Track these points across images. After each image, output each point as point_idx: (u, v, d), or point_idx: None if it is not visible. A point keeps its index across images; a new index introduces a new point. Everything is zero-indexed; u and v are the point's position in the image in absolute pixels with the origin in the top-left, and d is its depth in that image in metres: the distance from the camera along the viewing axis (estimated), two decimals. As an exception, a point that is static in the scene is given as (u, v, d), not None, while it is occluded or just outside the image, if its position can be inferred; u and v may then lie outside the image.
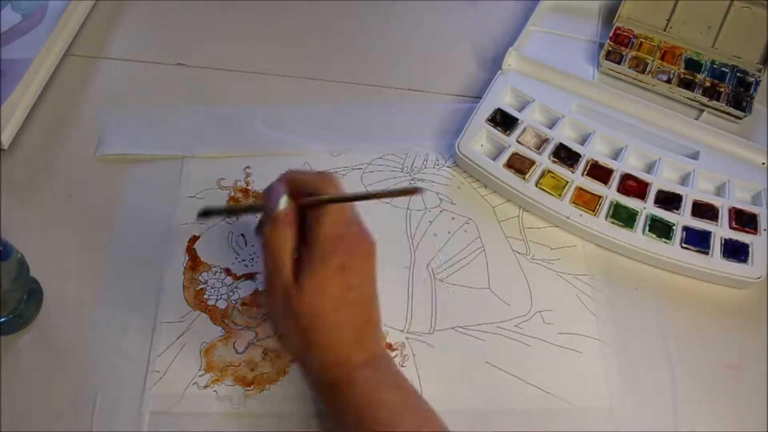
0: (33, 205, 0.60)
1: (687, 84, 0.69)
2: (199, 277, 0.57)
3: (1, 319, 0.52)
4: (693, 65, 0.70)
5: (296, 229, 0.46)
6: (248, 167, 0.63)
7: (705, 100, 0.68)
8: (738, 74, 0.69)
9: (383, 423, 0.43)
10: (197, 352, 0.53)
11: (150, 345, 0.53)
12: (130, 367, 0.52)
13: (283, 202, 0.46)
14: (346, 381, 0.45)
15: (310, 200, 0.46)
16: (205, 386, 0.51)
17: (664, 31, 0.72)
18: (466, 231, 0.60)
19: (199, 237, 0.59)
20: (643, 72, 0.70)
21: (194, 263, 0.57)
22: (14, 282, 0.51)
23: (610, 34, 0.72)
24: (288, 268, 0.45)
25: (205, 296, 0.56)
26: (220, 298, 0.56)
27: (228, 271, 0.57)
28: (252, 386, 0.52)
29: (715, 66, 0.70)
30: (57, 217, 0.60)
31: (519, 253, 0.59)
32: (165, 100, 0.68)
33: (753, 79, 0.69)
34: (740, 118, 0.67)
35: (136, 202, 0.61)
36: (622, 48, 0.71)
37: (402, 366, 0.53)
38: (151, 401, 0.51)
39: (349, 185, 0.61)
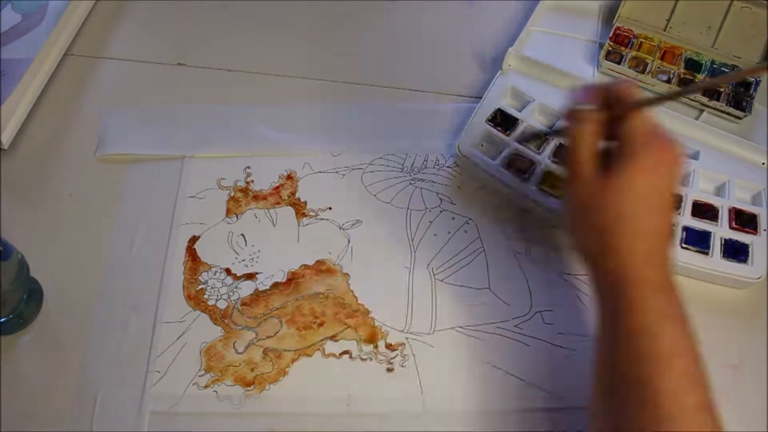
0: (33, 205, 0.60)
1: (687, 84, 0.69)
2: (199, 277, 0.57)
3: (1, 320, 0.52)
4: (693, 65, 0.70)
5: (600, 130, 0.46)
6: (248, 167, 0.63)
7: (705, 100, 0.67)
8: (738, 74, 0.69)
9: (658, 357, 0.41)
10: (197, 352, 0.53)
11: (150, 345, 0.53)
12: (130, 367, 0.52)
13: (587, 105, 0.46)
14: (635, 302, 0.42)
15: (649, 99, 0.45)
16: (205, 386, 0.51)
17: (664, 31, 0.72)
18: (466, 231, 0.60)
19: (199, 237, 0.59)
20: (643, 72, 0.70)
21: (194, 263, 0.57)
22: (14, 282, 0.51)
23: (610, 34, 0.72)
24: (591, 163, 0.45)
25: (205, 296, 0.56)
26: (220, 298, 0.56)
27: (228, 271, 0.57)
28: (252, 386, 0.52)
29: (715, 66, 0.70)
30: (57, 217, 0.60)
31: (519, 253, 0.59)
32: (165, 100, 0.68)
33: (753, 79, 0.69)
34: (740, 118, 0.67)
35: (136, 202, 0.61)
36: (622, 48, 0.71)
37: (402, 366, 0.53)
38: (152, 401, 0.51)
39: (350, 184, 0.62)
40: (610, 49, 0.71)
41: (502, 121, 0.64)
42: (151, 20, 0.75)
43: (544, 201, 0.59)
